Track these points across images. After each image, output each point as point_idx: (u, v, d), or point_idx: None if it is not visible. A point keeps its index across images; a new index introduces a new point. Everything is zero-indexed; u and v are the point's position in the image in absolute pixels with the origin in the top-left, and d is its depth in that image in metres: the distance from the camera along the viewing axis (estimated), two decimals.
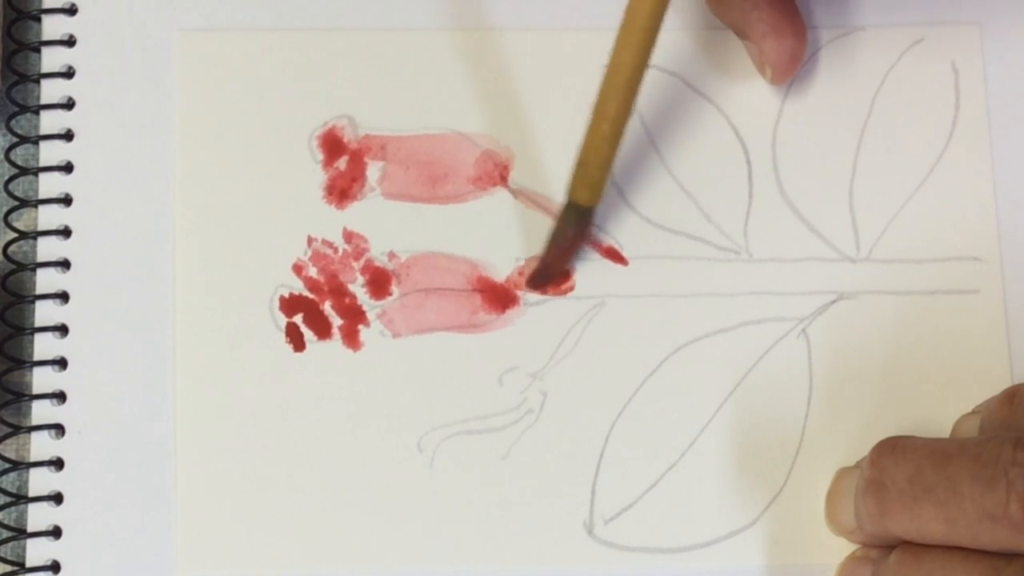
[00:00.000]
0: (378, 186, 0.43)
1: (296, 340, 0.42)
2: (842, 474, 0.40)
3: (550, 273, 0.42)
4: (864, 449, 0.38)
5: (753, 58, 0.43)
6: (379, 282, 0.42)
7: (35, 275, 0.42)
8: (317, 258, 0.42)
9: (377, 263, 0.43)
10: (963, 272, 0.43)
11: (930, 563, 0.35)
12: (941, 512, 0.35)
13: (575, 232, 0.42)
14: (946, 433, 0.41)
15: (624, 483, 0.41)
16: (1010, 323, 0.42)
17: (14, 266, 0.42)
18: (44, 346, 0.42)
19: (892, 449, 0.37)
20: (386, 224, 0.43)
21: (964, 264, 0.43)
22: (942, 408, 0.41)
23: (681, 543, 0.41)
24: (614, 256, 0.43)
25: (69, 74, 0.44)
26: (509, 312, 0.42)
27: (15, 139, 0.43)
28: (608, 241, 0.43)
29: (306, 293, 0.42)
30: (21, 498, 0.41)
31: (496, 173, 0.43)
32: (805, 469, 0.41)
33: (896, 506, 0.36)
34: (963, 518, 0.34)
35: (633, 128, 0.43)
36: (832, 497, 0.40)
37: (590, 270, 0.43)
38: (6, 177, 0.43)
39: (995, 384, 0.41)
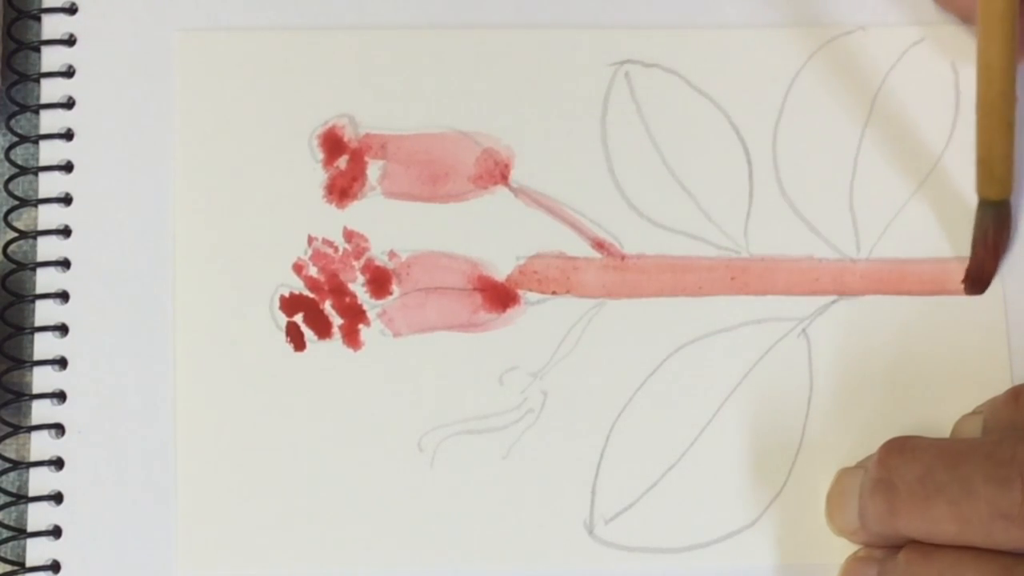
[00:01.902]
0: (378, 185, 0.43)
1: (296, 339, 0.42)
2: (843, 474, 0.40)
3: (984, 275, 0.42)
4: (865, 448, 0.38)
5: None
6: (379, 281, 0.42)
7: (35, 275, 0.42)
8: (317, 257, 0.42)
9: (377, 262, 0.42)
10: (963, 272, 0.42)
11: (940, 562, 0.35)
12: (953, 511, 0.35)
13: (995, 228, 0.42)
14: (946, 433, 0.41)
15: (624, 483, 0.41)
16: (1010, 323, 0.42)
17: (14, 266, 0.42)
18: (44, 346, 0.42)
19: (901, 449, 0.37)
20: (386, 223, 0.43)
21: (964, 264, 0.43)
22: (942, 408, 0.41)
23: (681, 543, 0.41)
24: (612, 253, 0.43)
25: (69, 73, 0.44)
26: (510, 311, 0.42)
27: (15, 139, 0.43)
28: (608, 239, 0.43)
29: (306, 292, 0.42)
30: (21, 498, 0.41)
31: (497, 172, 0.43)
32: (806, 469, 0.41)
33: (907, 506, 0.36)
34: (976, 517, 0.34)
35: (634, 128, 0.43)
36: (833, 497, 0.40)
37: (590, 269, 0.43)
38: (6, 177, 0.43)
39: (995, 384, 0.41)
